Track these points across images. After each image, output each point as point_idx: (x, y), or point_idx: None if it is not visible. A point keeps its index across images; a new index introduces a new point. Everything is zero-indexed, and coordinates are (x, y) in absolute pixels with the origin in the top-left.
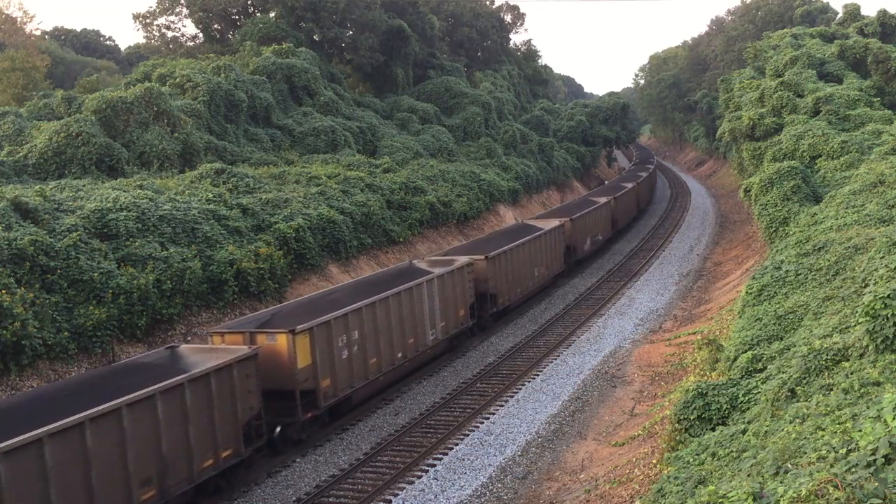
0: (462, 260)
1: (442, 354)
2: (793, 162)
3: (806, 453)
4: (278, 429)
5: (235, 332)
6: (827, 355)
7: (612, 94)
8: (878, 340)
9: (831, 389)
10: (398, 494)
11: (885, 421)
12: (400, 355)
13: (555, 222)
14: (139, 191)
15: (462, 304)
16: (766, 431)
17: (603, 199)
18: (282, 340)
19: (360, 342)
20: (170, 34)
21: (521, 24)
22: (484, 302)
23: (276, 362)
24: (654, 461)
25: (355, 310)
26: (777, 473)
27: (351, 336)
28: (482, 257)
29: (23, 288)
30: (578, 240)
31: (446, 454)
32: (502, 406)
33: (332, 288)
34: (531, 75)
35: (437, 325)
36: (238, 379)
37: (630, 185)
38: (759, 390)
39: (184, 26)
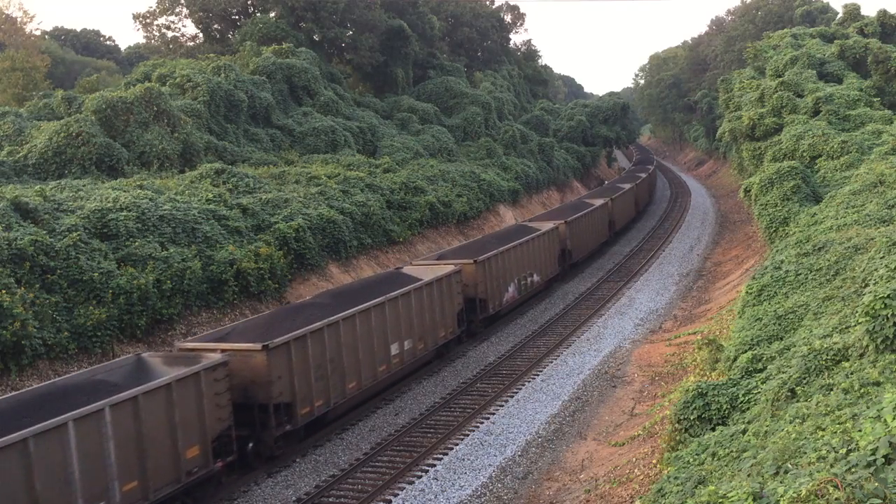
0: (211, 358)
1: None
2: (793, 162)
3: (806, 453)
4: None
5: None
6: (827, 355)
7: (612, 94)
8: (878, 340)
9: (831, 389)
10: (398, 494)
11: (885, 421)
12: None
13: (447, 268)
14: (139, 191)
15: (197, 438)
16: (766, 431)
17: (548, 225)
18: None
19: None
20: (170, 34)
21: (521, 24)
22: (265, 417)
23: None
24: (654, 461)
25: None
26: (777, 473)
27: None
28: (258, 347)
29: (23, 288)
30: (491, 287)
31: (446, 454)
32: (502, 406)
33: None
34: (531, 75)
35: (113, 487)
36: None
37: (600, 203)
38: (759, 390)
39: (184, 26)
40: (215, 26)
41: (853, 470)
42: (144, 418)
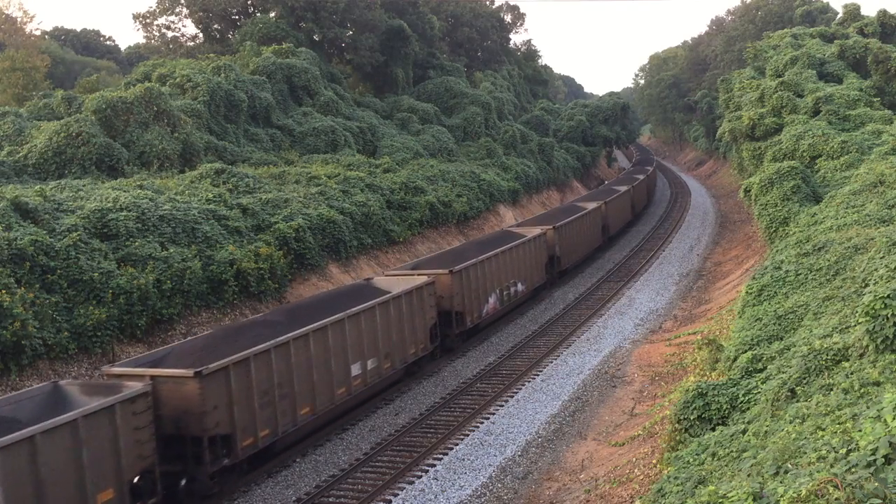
0: (131, 388)
1: None
2: (793, 162)
3: (806, 453)
4: None
5: None
6: (827, 355)
7: (612, 94)
8: (878, 340)
9: (831, 389)
10: (398, 494)
11: (885, 421)
12: None
13: (419, 279)
14: (139, 191)
15: (111, 479)
16: (766, 431)
17: (534, 231)
18: None
19: None
20: (170, 34)
21: (521, 24)
22: (199, 451)
23: None
24: (654, 461)
25: None
26: (777, 473)
27: None
28: (189, 373)
29: (23, 288)
30: (469, 298)
31: (446, 454)
32: (502, 406)
33: None
34: (531, 75)
35: None
36: None
37: (592, 206)
38: (759, 390)
39: (184, 26)
40: (215, 26)
41: (853, 470)
42: (43, 461)
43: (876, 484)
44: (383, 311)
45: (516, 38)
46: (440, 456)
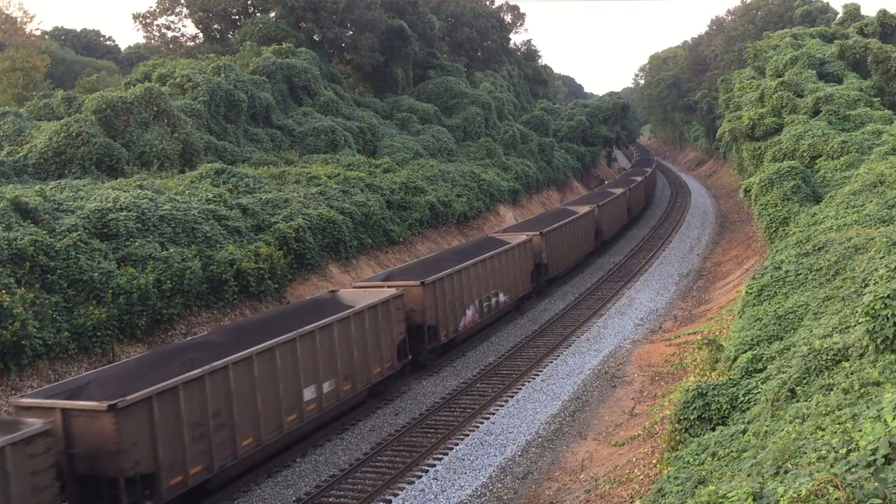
0: (30, 426)
1: None
2: (793, 162)
3: (806, 453)
4: None
5: None
6: (827, 355)
7: (612, 94)
8: (878, 340)
9: (831, 389)
10: (398, 494)
11: (885, 421)
12: None
13: (386, 292)
14: (139, 191)
15: None
16: (766, 431)
17: (520, 238)
18: None
19: None
20: (170, 34)
21: (521, 24)
22: (115, 493)
23: None
24: (654, 461)
25: None
26: (777, 473)
27: None
28: (103, 407)
29: (23, 288)
30: (443, 312)
31: (446, 454)
32: (502, 406)
33: None
34: (531, 75)
35: None
36: None
37: (584, 210)
38: (759, 390)
39: (184, 26)
40: (215, 26)
41: (853, 470)
42: None
43: (876, 484)
44: (342, 328)
45: (516, 38)
46: (440, 456)
